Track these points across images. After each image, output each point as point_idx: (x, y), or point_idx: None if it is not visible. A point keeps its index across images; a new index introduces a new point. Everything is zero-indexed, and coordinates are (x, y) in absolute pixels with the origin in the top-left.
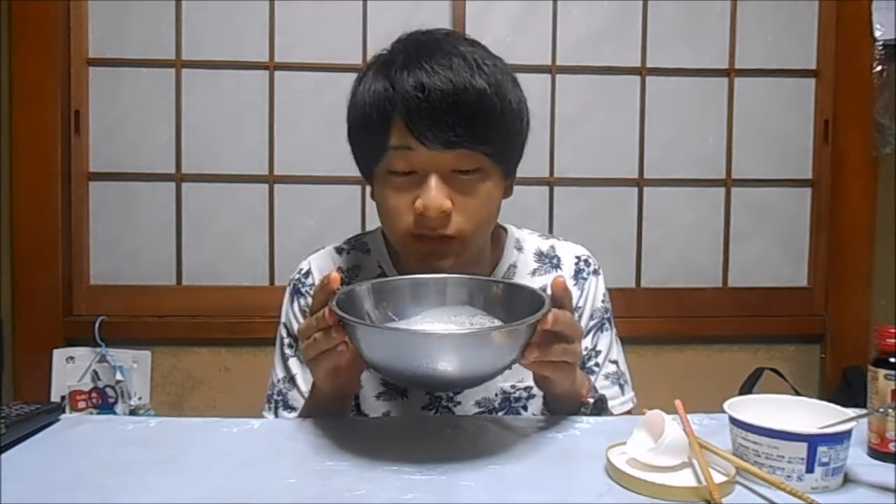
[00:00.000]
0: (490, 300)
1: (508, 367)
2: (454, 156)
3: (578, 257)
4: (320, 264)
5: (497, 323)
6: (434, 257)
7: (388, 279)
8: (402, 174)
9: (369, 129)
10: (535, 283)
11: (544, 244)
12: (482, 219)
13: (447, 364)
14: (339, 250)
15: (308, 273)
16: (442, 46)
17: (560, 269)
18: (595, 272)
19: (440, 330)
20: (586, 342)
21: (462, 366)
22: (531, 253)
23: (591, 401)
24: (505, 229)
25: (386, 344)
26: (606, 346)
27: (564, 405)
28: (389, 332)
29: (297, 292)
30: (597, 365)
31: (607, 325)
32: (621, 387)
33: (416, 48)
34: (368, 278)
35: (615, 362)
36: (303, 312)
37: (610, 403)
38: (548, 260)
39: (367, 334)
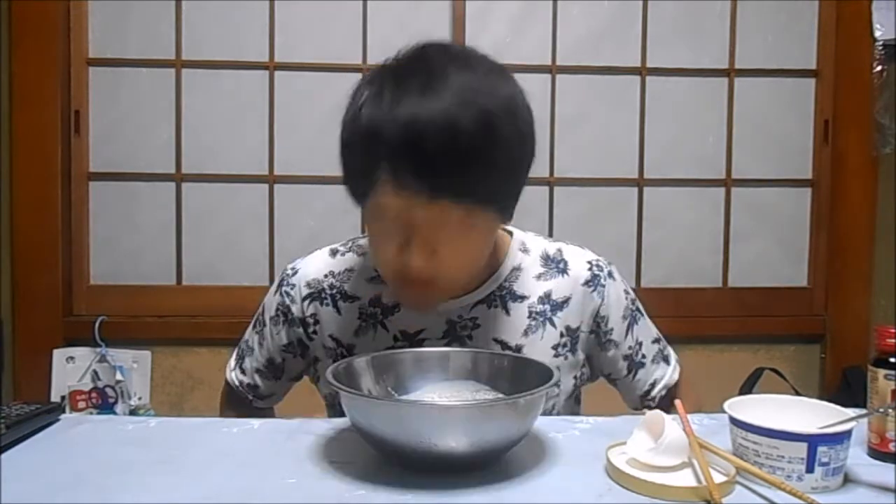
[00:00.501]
0: (495, 373)
1: (516, 443)
2: (440, 207)
3: (590, 262)
4: (308, 267)
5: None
6: (420, 305)
7: (389, 352)
8: (388, 219)
9: (355, 171)
10: (542, 287)
11: (551, 247)
12: (472, 260)
13: (450, 439)
14: (333, 252)
15: (295, 273)
16: (432, 82)
17: (567, 273)
18: (610, 275)
19: (443, 402)
20: (628, 341)
21: (465, 440)
22: (537, 256)
23: None
24: (510, 232)
25: (385, 417)
26: (645, 333)
27: None
28: (388, 405)
29: (280, 288)
30: (643, 356)
31: (638, 314)
32: (665, 358)
33: (407, 79)
34: (362, 280)
35: (656, 340)
36: (278, 311)
37: (662, 383)
38: (554, 264)
39: (364, 407)
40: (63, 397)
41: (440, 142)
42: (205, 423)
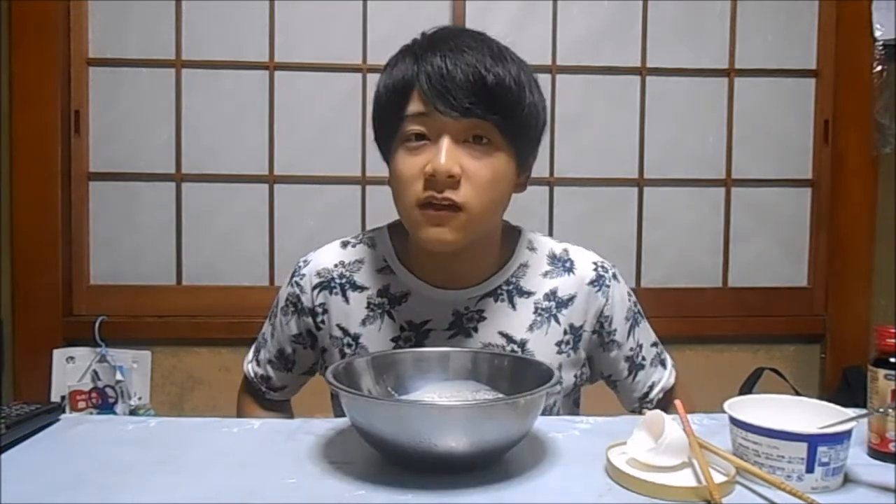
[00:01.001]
0: (495, 373)
1: (516, 443)
2: (467, 124)
3: (595, 263)
4: (319, 258)
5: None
6: (440, 226)
7: (389, 352)
8: (415, 140)
9: (391, 101)
10: (547, 284)
11: (557, 247)
12: (491, 192)
13: (450, 439)
14: (344, 244)
15: (307, 264)
16: (471, 34)
17: (573, 273)
18: (614, 276)
19: (443, 402)
20: (630, 343)
21: (465, 440)
22: (544, 255)
23: None
24: (519, 231)
25: (385, 417)
26: (645, 336)
27: None
28: (388, 405)
29: (292, 278)
30: (643, 358)
31: (639, 317)
32: (663, 362)
33: (445, 33)
34: (371, 270)
35: (654, 344)
36: (288, 301)
37: (660, 386)
38: (560, 263)
39: (365, 407)
40: (63, 397)
41: (473, 71)
42: (205, 423)
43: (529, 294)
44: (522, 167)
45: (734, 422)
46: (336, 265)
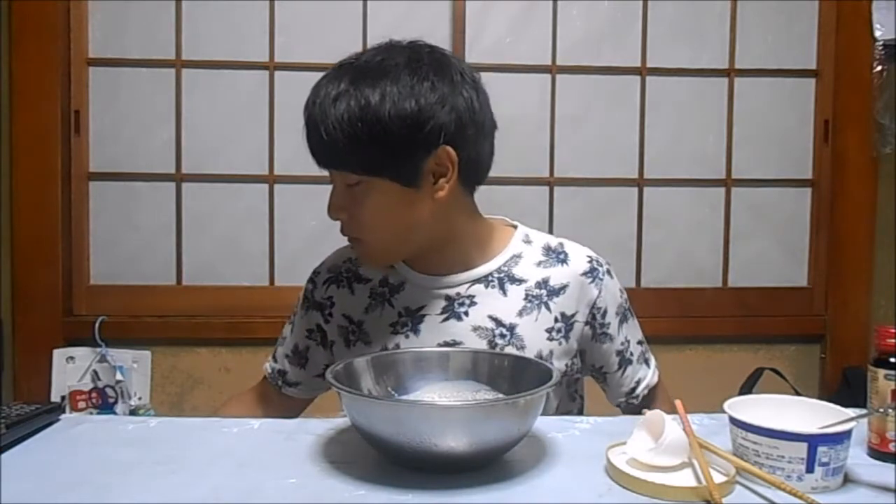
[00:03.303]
0: (495, 373)
1: (516, 443)
2: (341, 174)
3: (590, 257)
4: (332, 257)
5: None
6: (359, 256)
7: (389, 352)
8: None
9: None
10: (539, 273)
11: (553, 241)
12: (378, 226)
13: (450, 439)
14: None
15: (323, 264)
16: (359, 68)
17: (567, 263)
18: (608, 272)
19: (443, 402)
20: (620, 337)
21: (465, 440)
22: (539, 247)
23: None
24: (515, 226)
25: (385, 417)
26: (633, 333)
27: None
28: (388, 405)
29: (310, 277)
30: (632, 354)
31: (629, 314)
32: (647, 361)
33: (332, 75)
34: (377, 270)
35: (640, 342)
36: (305, 297)
37: (645, 383)
38: (555, 255)
39: (365, 407)
40: (63, 397)
41: (334, 132)
42: (205, 423)
43: (521, 281)
44: (414, 184)
45: (734, 422)
46: (345, 262)
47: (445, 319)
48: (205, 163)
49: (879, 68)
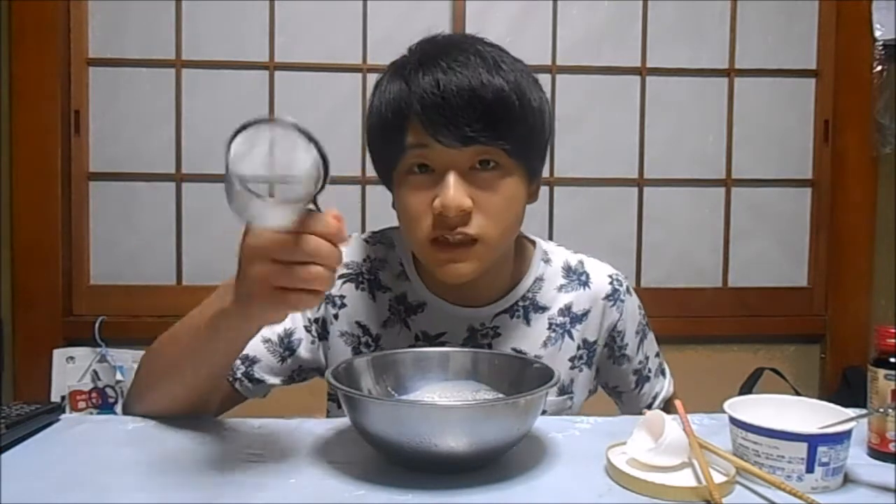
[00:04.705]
0: (495, 373)
1: (516, 443)
2: (472, 152)
3: (611, 276)
4: (353, 251)
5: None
6: (454, 262)
7: (389, 352)
8: (419, 173)
9: (386, 130)
10: (562, 299)
11: (573, 258)
12: (505, 219)
13: (450, 439)
14: (367, 240)
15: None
16: (459, 46)
17: (589, 286)
18: (628, 290)
19: (443, 402)
20: (639, 356)
21: (465, 440)
22: (559, 267)
23: None
24: (533, 242)
25: (385, 417)
26: (651, 348)
27: None
28: (388, 405)
29: None
30: (650, 370)
31: (647, 329)
32: (663, 371)
33: (433, 49)
34: (391, 273)
35: (657, 355)
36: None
37: (661, 396)
38: (576, 276)
39: (365, 407)
40: (63, 397)
41: (469, 90)
42: (205, 424)
43: (544, 309)
44: (534, 177)
45: (734, 422)
46: (365, 259)
47: None
48: (205, 163)
49: (879, 68)
